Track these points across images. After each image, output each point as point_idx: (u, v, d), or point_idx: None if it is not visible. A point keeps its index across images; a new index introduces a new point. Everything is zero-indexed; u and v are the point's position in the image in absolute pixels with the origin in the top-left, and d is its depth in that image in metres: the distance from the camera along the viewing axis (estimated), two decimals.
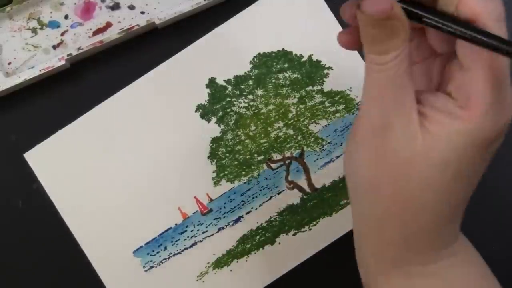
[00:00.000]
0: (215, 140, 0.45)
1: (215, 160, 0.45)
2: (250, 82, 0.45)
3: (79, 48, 0.44)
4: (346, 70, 0.45)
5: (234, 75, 0.45)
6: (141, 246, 0.44)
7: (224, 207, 0.45)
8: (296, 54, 0.46)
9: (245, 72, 0.45)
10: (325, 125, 0.45)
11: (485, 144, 0.27)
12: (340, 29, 0.45)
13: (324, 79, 0.46)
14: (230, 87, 0.45)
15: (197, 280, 0.44)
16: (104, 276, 0.44)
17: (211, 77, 0.45)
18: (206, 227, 0.45)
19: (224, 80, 0.45)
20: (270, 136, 0.45)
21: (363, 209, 0.30)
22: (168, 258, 0.44)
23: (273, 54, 0.45)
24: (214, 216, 0.45)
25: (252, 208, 0.45)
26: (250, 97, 0.45)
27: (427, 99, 0.28)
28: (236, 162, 0.45)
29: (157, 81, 0.45)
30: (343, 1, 0.45)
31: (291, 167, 0.45)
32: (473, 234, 0.45)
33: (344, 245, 0.44)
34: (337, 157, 0.45)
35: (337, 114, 0.45)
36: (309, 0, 0.46)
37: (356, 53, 0.45)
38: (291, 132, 0.45)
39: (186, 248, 0.44)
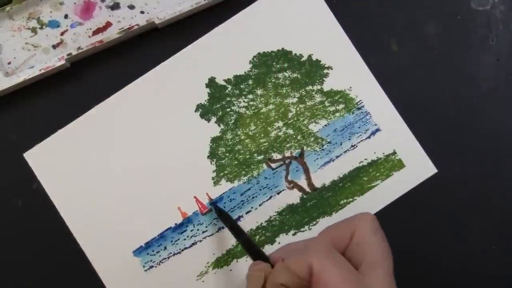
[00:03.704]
0: (214, 140, 0.45)
1: (215, 159, 0.45)
2: (250, 82, 0.45)
3: (79, 48, 0.44)
4: (346, 69, 0.45)
5: (234, 74, 0.45)
6: (141, 246, 0.44)
7: (224, 207, 0.45)
8: (295, 54, 0.46)
9: (245, 72, 0.45)
10: (325, 125, 0.45)
11: None
12: (340, 29, 0.45)
13: (324, 79, 0.46)
14: (230, 87, 0.45)
15: (197, 279, 0.44)
16: (104, 276, 0.44)
17: (211, 77, 0.45)
18: (206, 226, 0.45)
19: (224, 80, 0.45)
20: (270, 135, 0.45)
21: None
22: (168, 257, 0.44)
23: (273, 53, 0.45)
24: (214, 215, 0.44)
25: (252, 207, 0.45)
26: (250, 96, 0.45)
27: None
28: (236, 162, 0.45)
29: (157, 81, 0.45)
30: (343, 1, 0.46)
31: (291, 167, 0.45)
32: (473, 234, 0.45)
33: None
34: (337, 157, 0.45)
35: (337, 114, 0.45)
36: (309, 0, 0.46)
37: (356, 52, 0.45)
38: (290, 131, 0.45)
39: (186, 248, 0.44)
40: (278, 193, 0.45)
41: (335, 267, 0.31)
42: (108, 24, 0.45)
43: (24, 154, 0.44)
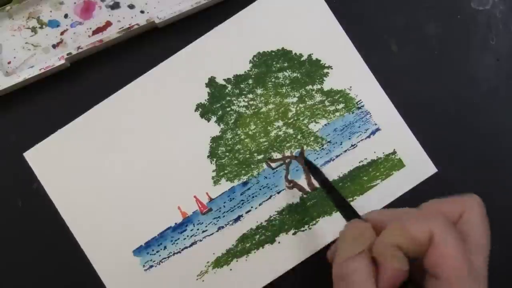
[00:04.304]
0: (214, 139, 0.45)
1: (214, 159, 0.45)
2: (250, 81, 0.45)
3: (79, 47, 0.44)
4: (346, 69, 0.45)
5: (234, 74, 0.45)
6: (141, 246, 0.44)
7: (224, 206, 0.45)
8: (296, 53, 0.46)
9: (245, 71, 0.45)
10: (325, 124, 0.45)
11: None
12: (340, 29, 0.45)
13: (324, 78, 0.46)
14: (230, 86, 0.45)
15: (197, 279, 0.44)
16: (104, 276, 0.44)
17: (211, 76, 0.45)
18: (206, 226, 0.44)
19: (224, 79, 0.45)
20: (270, 135, 0.45)
21: None
22: (168, 257, 0.44)
23: (273, 53, 0.45)
24: (213, 215, 0.44)
25: (251, 207, 0.45)
26: (250, 96, 0.45)
27: None
28: (235, 161, 0.45)
29: (156, 80, 0.45)
30: (343, 1, 0.46)
31: (290, 166, 0.45)
32: None
33: None
34: (337, 156, 0.45)
35: (337, 113, 0.45)
36: (309, 0, 0.46)
37: (356, 52, 0.45)
38: (290, 131, 0.45)
39: (185, 248, 0.44)
40: (278, 193, 0.45)
41: (454, 237, 0.30)
42: (108, 24, 0.45)
43: (24, 154, 0.44)
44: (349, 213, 0.35)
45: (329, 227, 0.44)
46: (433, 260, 0.29)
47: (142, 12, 0.45)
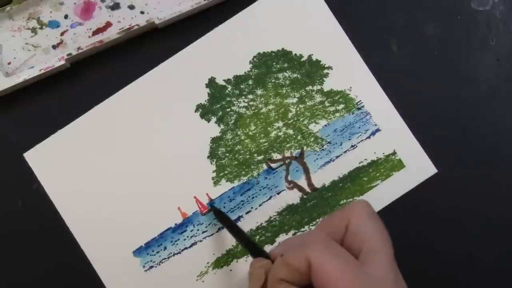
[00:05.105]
0: (215, 140, 0.45)
1: (215, 160, 0.45)
2: (250, 82, 0.45)
3: (79, 48, 0.44)
4: (346, 69, 0.45)
5: (234, 74, 0.45)
6: (141, 246, 0.44)
7: (224, 207, 0.45)
8: (296, 54, 0.46)
9: (245, 72, 0.45)
10: (325, 125, 0.45)
11: None
12: (340, 29, 0.45)
13: (324, 79, 0.46)
14: (230, 87, 0.45)
15: (197, 279, 0.44)
16: (104, 276, 0.44)
17: (211, 77, 0.45)
18: (206, 226, 0.45)
19: (224, 80, 0.45)
20: (270, 136, 0.45)
21: None
22: (168, 258, 0.44)
23: (273, 53, 0.45)
24: (214, 215, 0.44)
25: (252, 208, 0.45)
26: (250, 96, 0.45)
27: None
28: (236, 162, 0.45)
29: (157, 81, 0.45)
30: (343, 1, 0.46)
31: (290, 167, 0.45)
32: (473, 234, 0.45)
33: None
34: (337, 157, 0.45)
35: (337, 114, 0.45)
36: (309, 0, 0.46)
37: (356, 53, 0.45)
38: (290, 132, 0.45)
39: (186, 248, 0.44)
40: (278, 193, 0.45)
41: (334, 258, 0.30)
42: (108, 24, 0.45)
43: (24, 154, 0.44)
44: (255, 252, 0.36)
45: None
46: (318, 284, 0.30)
47: (142, 12, 0.45)
